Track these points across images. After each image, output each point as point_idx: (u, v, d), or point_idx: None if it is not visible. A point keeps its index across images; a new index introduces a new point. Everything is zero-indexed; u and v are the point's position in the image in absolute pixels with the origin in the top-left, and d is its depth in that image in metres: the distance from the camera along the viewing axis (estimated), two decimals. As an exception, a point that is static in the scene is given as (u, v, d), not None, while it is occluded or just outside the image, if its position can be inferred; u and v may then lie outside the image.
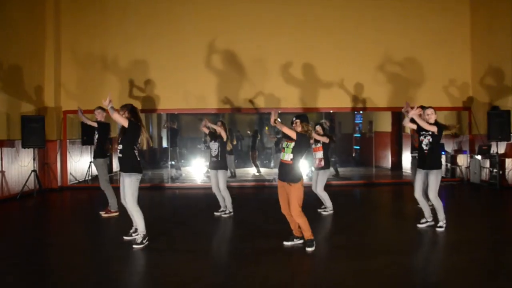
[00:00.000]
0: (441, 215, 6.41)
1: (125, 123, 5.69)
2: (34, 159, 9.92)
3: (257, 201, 9.55)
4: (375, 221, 7.56)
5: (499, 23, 10.72)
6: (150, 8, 11.47)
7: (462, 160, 11.96)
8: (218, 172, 7.63)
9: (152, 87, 11.41)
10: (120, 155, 5.77)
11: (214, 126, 7.61)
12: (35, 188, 9.90)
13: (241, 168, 14.51)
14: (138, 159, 5.85)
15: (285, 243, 5.67)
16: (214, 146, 7.63)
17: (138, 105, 11.02)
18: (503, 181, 10.33)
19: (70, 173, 11.54)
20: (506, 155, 10.47)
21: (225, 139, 7.61)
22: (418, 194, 6.51)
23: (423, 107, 6.69)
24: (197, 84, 11.40)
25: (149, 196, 10.06)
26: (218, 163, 7.62)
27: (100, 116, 7.83)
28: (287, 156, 5.42)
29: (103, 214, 7.62)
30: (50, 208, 9.19)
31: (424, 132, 6.37)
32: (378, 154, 15.86)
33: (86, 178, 12.20)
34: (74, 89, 11.28)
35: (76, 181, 11.80)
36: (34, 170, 9.86)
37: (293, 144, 5.39)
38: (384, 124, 15.42)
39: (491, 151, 10.60)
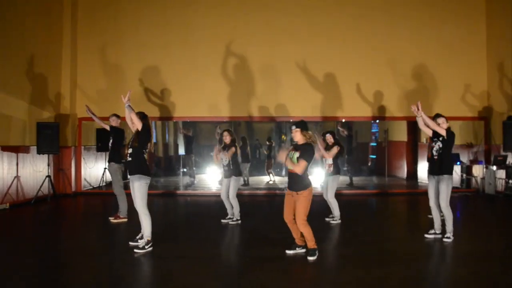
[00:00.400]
0: (449, 227, 6.28)
1: (140, 125, 5.80)
2: (48, 165, 10.12)
3: (267, 209, 9.55)
4: (384, 231, 7.45)
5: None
6: (163, 15, 11.64)
7: (478, 170, 11.73)
8: (231, 179, 7.67)
9: (167, 94, 11.55)
10: (130, 159, 5.82)
11: (224, 155, 7.65)
12: (49, 194, 10.09)
13: (255, 176, 14.53)
14: (147, 163, 5.92)
15: (288, 251, 5.64)
16: (225, 157, 7.65)
17: (153, 112, 11.24)
18: (519, 192, 10.11)
19: (85, 179, 11.74)
20: (522, 166, 10.27)
21: (234, 150, 7.65)
22: (432, 202, 6.43)
23: (438, 115, 6.62)
24: (211, 92, 11.51)
25: (161, 203, 10.15)
26: (231, 171, 7.66)
27: (114, 122, 7.96)
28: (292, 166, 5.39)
29: (111, 219, 7.71)
30: (62, 213, 9.34)
31: (435, 139, 6.34)
32: (394, 163, 15.71)
33: (101, 184, 12.39)
34: (90, 97, 11.49)
35: (91, 187, 11.99)
36: (48, 176, 10.06)
37: (297, 154, 5.36)
38: (400, 133, 15.28)
39: (507, 162, 10.39)
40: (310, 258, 5.37)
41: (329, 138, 7.84)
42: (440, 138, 6.26)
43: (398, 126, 15.12)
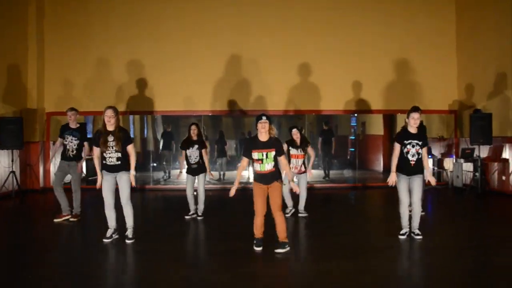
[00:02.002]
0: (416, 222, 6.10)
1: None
2: (13, 161, 10.02)
3: (235, 204, 9.54)
4: (353, 225, 7.37)
5: (484, 25, 10.55)
6: (133, 7, 11.48)
7: (449, 164, 11.75)
8: (201, 176, 7.59)
9: (140, 88, 11.45)
10: (119, 162, 5.88)
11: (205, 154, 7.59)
12: (13, 189, 10.00)
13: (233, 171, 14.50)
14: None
15: (256, 248, 5.51)
16: (196, 153, 7.51)
17: (122, 107, 11.17)
18: (485, 185, 10.12)
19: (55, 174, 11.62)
20: (489, 158, 10.28)
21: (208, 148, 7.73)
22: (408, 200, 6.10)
23: (414, 109, 6.51)
24: (189, 86, 11.37)
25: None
26: (200, 168, 7.57)
27: (74, 118, 7.62)
28: (269, 166, 5.34)
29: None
30: (25, 209, 9.26)
31: (411, 141, 5.94)
32: (371, 157, 15.71)
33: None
34: (59, 91, 11.37)
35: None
36: (12, 171, 9.96)
37: (273, 153, 5.33)
38: (377, 127, 15.28)
39: (474, 155, 10.40)
40: (281, 251, 5.32)
41: (295, 133, 7.68)
42: (420, 143, 5.94)
43: (375, 119, 15.10)
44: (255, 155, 5.30)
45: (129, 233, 6.00)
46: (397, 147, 5.99)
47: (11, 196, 9.91)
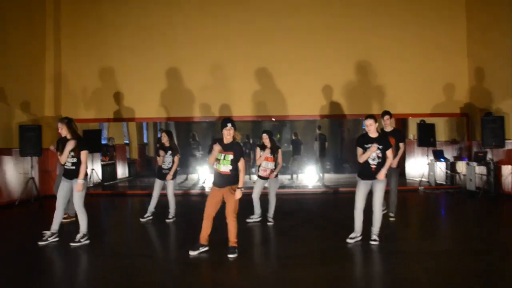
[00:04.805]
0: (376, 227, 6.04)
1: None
2: (32, 167, 10.28)
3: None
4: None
5: (495, 29, 10.58)
6: (151, 20, 11.80)
7: (461, 167, 11.76)
8: (169, 182, 7.84)
9: (152, 95, 11.71)
10: (74, 167, 6.20)
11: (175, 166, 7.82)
12: (33, 195, 10.25)
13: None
14: None
15: (191, 252, 5.58)
16: (169, 159, 7.80)
17: (145, 113, 11.73)
18: (498, 188, 10.12)
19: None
20: (501, 161, 10.28)
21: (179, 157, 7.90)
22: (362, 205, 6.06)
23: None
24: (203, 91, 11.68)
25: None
26: (165, 175, 7.83)
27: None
28: (225, 168, 5.49)
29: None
30: (45, 213, 9.47)
31: (371, 146, 5.93)
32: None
33: (88, 185, 12.52)
34: (74, 99, 11.69)
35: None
36: (32, 178, 10.22)
37: (231, 156, 5.47)
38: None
39: (487, 158, 10.41)
40: (231, 256, 5.42)
41: (265, 138, 7.54)
42: (381, 146, 5.95)
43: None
44: (218, 155, 5.53)
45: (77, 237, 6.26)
46: (359, 151, 6.05)
47: (31, 202, 10.17)
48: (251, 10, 11.77)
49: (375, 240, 5.96)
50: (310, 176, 14.24)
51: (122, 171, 15.34)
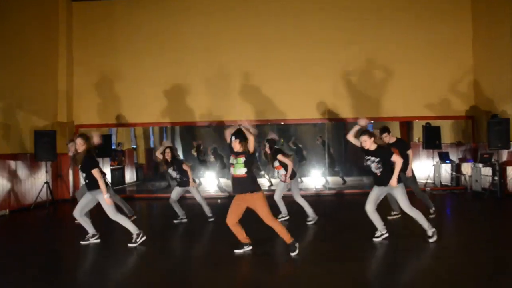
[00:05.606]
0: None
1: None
2: (46, 172, 10.47)
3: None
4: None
5: (500, 32, 10.72)
6: (161, 26, 12.03)
7: (467, 168, 11.94)
8: (191, 189, 8.18)
9: (161, 101, 11.91)
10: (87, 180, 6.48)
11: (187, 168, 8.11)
12: (47, 199, 10.45)
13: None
14: None
15: (236, 251, 5.82)
16: (174, 173, 8.13)
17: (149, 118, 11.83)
18: (504, 189, 10.31)
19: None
20: (507, 163, 10.46)
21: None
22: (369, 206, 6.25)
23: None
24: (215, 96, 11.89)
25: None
26: (183, 183, 8.13)
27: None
28: (240, 171, 5.56)
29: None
30: (59, 217, 9.68)
31: (369, 157, 6.13)
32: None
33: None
34: (87, 104, 11.89)
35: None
36: (46, 182, 10.41)
37: (243, 158, 5.55)
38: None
39: (493, 159, 10.60)
40: (292, 254, 5.57)
41: (266, 148, 7.65)
42: (377, 159, 6.08)
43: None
44: (230, 159, 5.67)
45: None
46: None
47: (45, 206, 10.36)
48: (261, 15, 11.97)
49: (430, 237, 6.06)
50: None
51: (130, 175, 15.54)
